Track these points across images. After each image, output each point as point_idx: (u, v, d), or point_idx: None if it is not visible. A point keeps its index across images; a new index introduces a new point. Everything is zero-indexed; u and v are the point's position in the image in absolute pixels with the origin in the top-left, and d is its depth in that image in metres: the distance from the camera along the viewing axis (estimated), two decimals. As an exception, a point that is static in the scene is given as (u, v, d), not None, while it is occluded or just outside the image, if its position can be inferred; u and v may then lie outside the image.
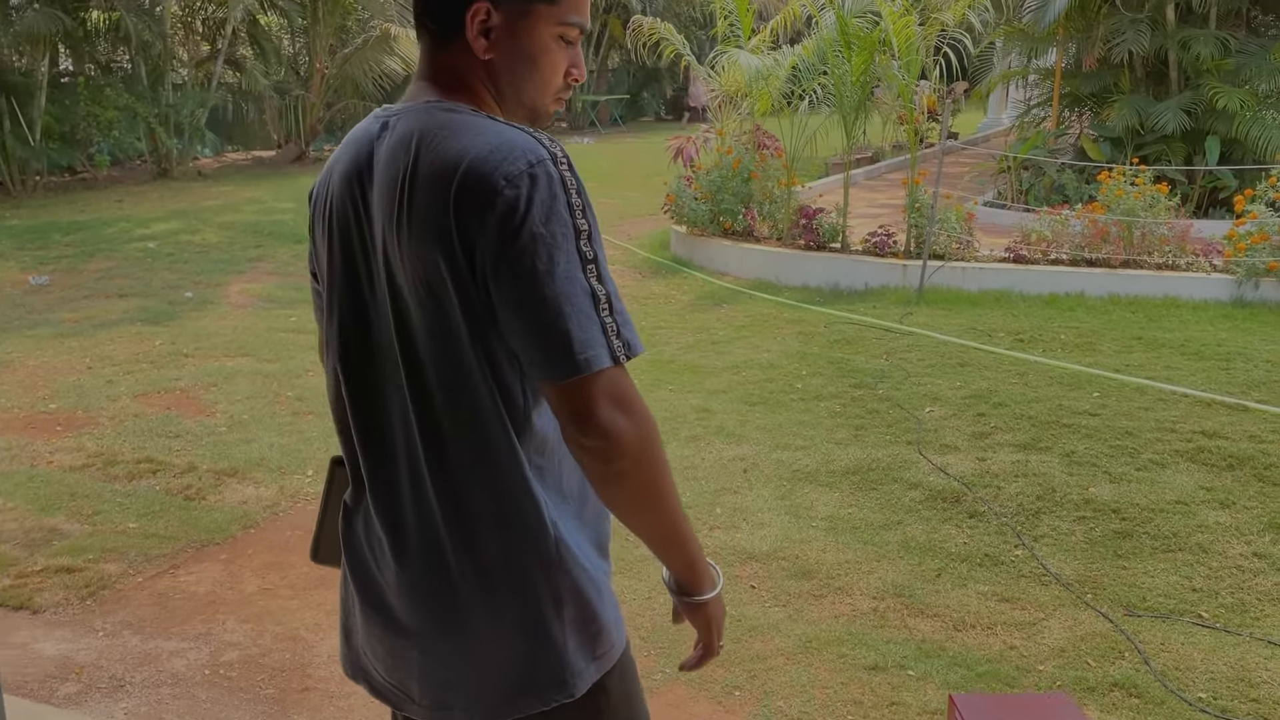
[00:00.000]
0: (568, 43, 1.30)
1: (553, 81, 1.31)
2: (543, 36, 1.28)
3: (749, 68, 8.66)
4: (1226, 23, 10.50)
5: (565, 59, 1.31)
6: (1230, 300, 7.51)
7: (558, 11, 1.27)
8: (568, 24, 1.29)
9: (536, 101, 1.31)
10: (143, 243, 10.21)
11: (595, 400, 1.14)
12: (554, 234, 1.14)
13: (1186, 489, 4.41)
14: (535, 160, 1.16)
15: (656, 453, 1.20)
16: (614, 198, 13.84)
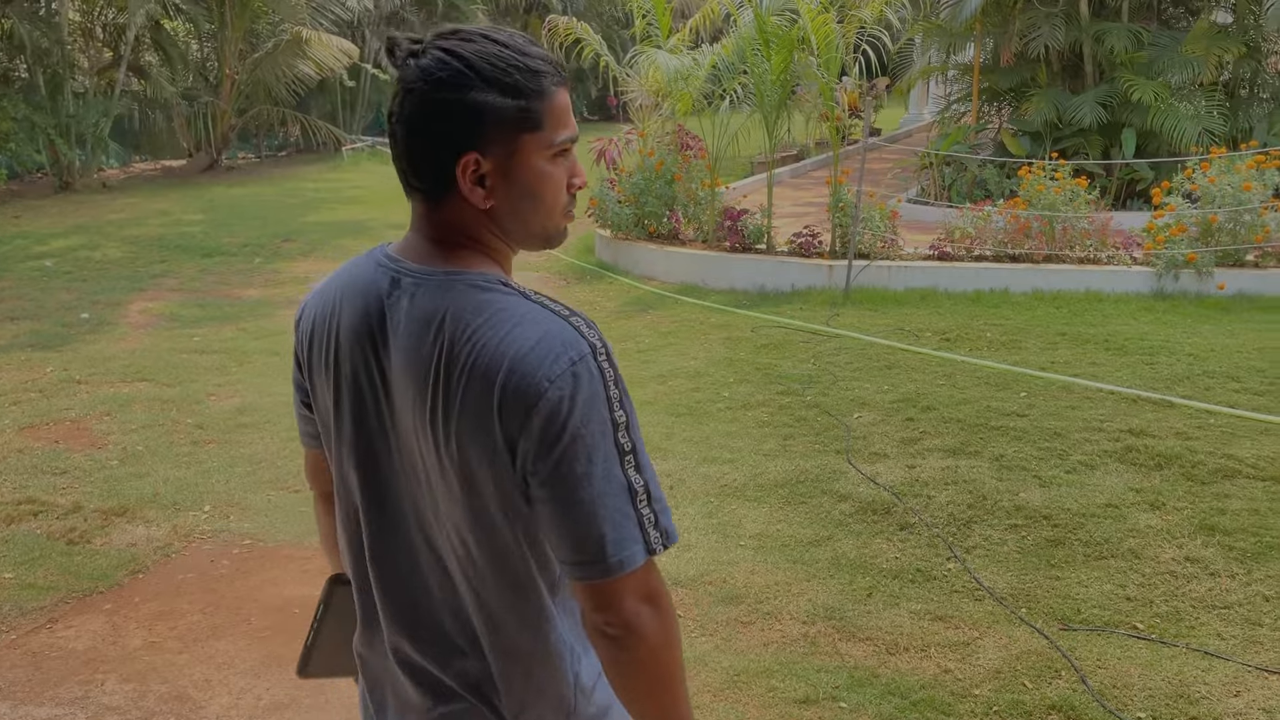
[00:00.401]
0: (563, 155, 1.27)
1: (557, 202, 1.27)
2: (537, 165, 1.24)
3: (668, 68, 8.50)
4: (1138, 16, 10.64)
5: (564, 173, 1.27)
6: (1151, 293, 7.56)
7: (544, 136, 1.23)
8: (559, 144, 1.25)
9: (546, 227, 1.28)
10: (39, 261, 9.70)
11: (624, 597, 1.16)
12: (593, 434, 1.15)
13: (1116, 491, 4.34)
14: (577, 357, 1.16)
15: (675, 649, 1.20)
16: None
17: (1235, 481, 4.40)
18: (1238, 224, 7.53)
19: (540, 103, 1.22)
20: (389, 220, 12.13)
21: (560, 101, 1.24)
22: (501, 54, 1.20)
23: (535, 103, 1.22)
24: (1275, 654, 3.16)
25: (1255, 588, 3.55)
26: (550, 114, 1.23)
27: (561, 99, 1.24)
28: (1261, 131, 9.86)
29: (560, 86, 1.25)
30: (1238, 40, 9.94)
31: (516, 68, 1.21)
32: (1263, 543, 3.84)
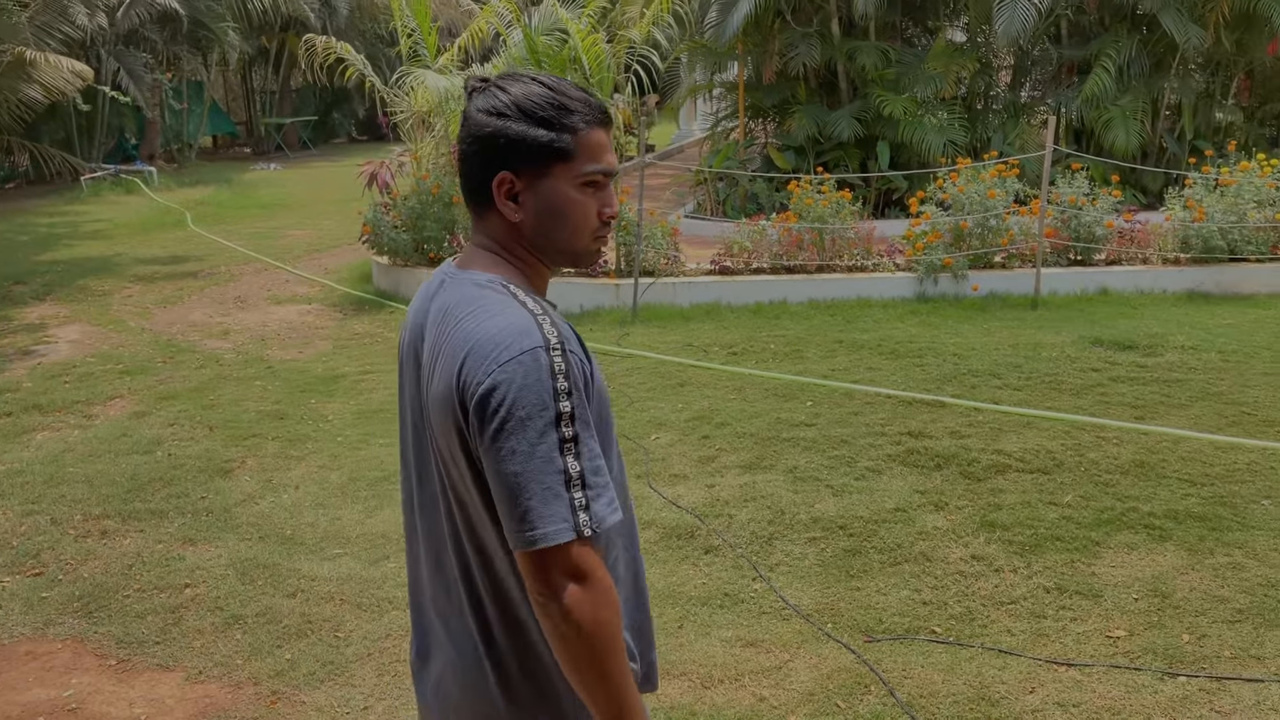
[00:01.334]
0: (595, 186, 1.45)
1: (584, 226, 1.45)
2: (565, 191, 1.43)
3: (437, 88, 8.24)
4: (884, 35, 11.32)
5: (595, 202, 1.45)
6: (915, 297, 8.00)
7: (574, 166, 1.43)
8: (587, 174, 1.43)
9: (572, 247, 1.47)
10: None
11: (550, 570, 1.29)
12: (530, 416, 1.29)
13: (903, 495, 4.49)
14: (529, 347, 1.31)
15: (607, 631, 1.30)
16: (305, 228, 12.94)
17: (1007, 476, 4.66)
18: (985, 229, 8.10)
19: (571, 136, 1.42)
20: (138, 254, 11.17)
21: (593, 138, 1.43)
22: (541, 93, 1.42)
23: (566, 135, 1.42)
24: (1060, 645, 3.32)
25: (1036, 580, 3.73)
26: (582, 147, 1.43)
27: (595, 136, 1.44)
28: (999, 141, 10.70)
29: (594, 125, 1.44)
30: (972, 57, 10.75)
31: (552, 104, 1.42)
32: (1038, 535, 4.06)
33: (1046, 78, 11.68)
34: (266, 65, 23.28)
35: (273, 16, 19.61)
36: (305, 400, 6.18)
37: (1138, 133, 10.28)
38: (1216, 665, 3.16)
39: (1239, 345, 6.58)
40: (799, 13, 11.15)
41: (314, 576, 3.97)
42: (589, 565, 1.29)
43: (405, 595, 3.81)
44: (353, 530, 4.37)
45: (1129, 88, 10.42)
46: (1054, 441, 5.03)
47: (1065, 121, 10.73)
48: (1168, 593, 3.60)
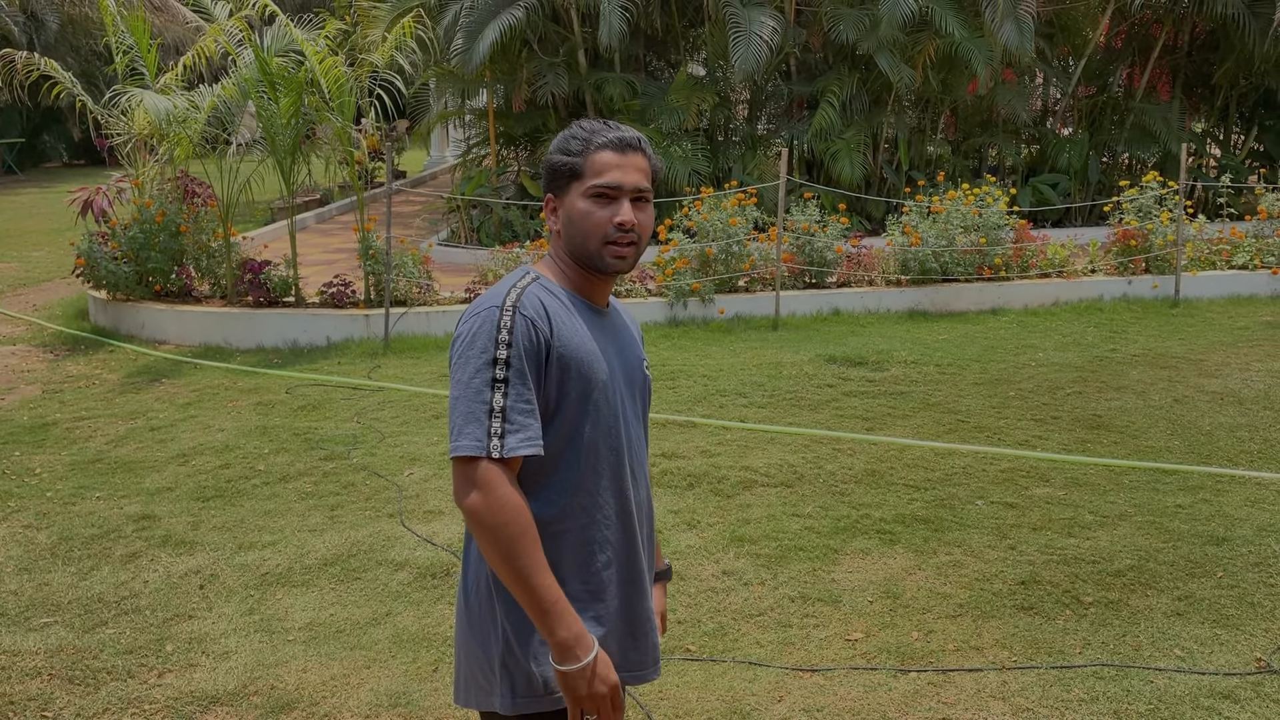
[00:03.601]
0: (604, 199, 1.72)
1: (593, 232, 1.72)
2: (577, 203, 1.74)
3: (157, 109, 7.66)
4: (629, 67, 11.65)
5: (608, 212, 1.72)
6: (667, 321, 8.23)
7: (584, 182, 1.74)
8: (591, 187, 1.73)
9: (585, 249, 1.74)
10: None
11: (459, 476, 1.61)
12: (474, 355, 1.63)
13: (658, 515, 4.57)
14: (490, 306, 1.67)
15: (507, 536, 1.58)
16: (10, 260, 11.70)
17: (754, 491, 4.85)
18: (729, 254, 8.47)
19: (581, 159, 1.74)
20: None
21: (600, 158, 1.73)
22: (575, 130, 1.77)
23: (579, 159, 1.74)
24: (805, 652, 3.47)
25: (782, 590, 3.89)
26: (589, 166, 1.73)
27: (602, 156, 1.73)
28: (739, 171, 11.24)
29: (603, 148, 1.73)
30: (711, 91, 11.26)
31: (574, 137, 1.76)
32: (783, 546, 4.24)
33: (779, 111, 12.41)
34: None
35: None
36: (8, 452, 5.53)
37: (861, 164, 11.10)
38: (942, 659, 3.40)
39: (953, 359, 7.21)
40: (545, 42, 11.27)
41: (16, 651, 3.53)
42: (491, 481, 1.58)
43: (124, 663, 3.45)
44: (64, 595, 3.93)
45: (852, 122, 11.24)
46: (796, 455, 5.29)
47: (797, 153, 11.44)
48: (898, 593, 3.84)
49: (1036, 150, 13.08)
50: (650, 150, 1.81)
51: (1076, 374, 6.79)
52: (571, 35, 11.05)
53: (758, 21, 10.20)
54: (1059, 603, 3.74)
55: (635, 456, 1.82)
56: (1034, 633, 3.54)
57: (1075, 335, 7.87)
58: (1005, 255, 8.91)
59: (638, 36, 11.36)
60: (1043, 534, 4.32)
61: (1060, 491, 4.79)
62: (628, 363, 1.84)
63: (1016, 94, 11.79)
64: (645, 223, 1.77)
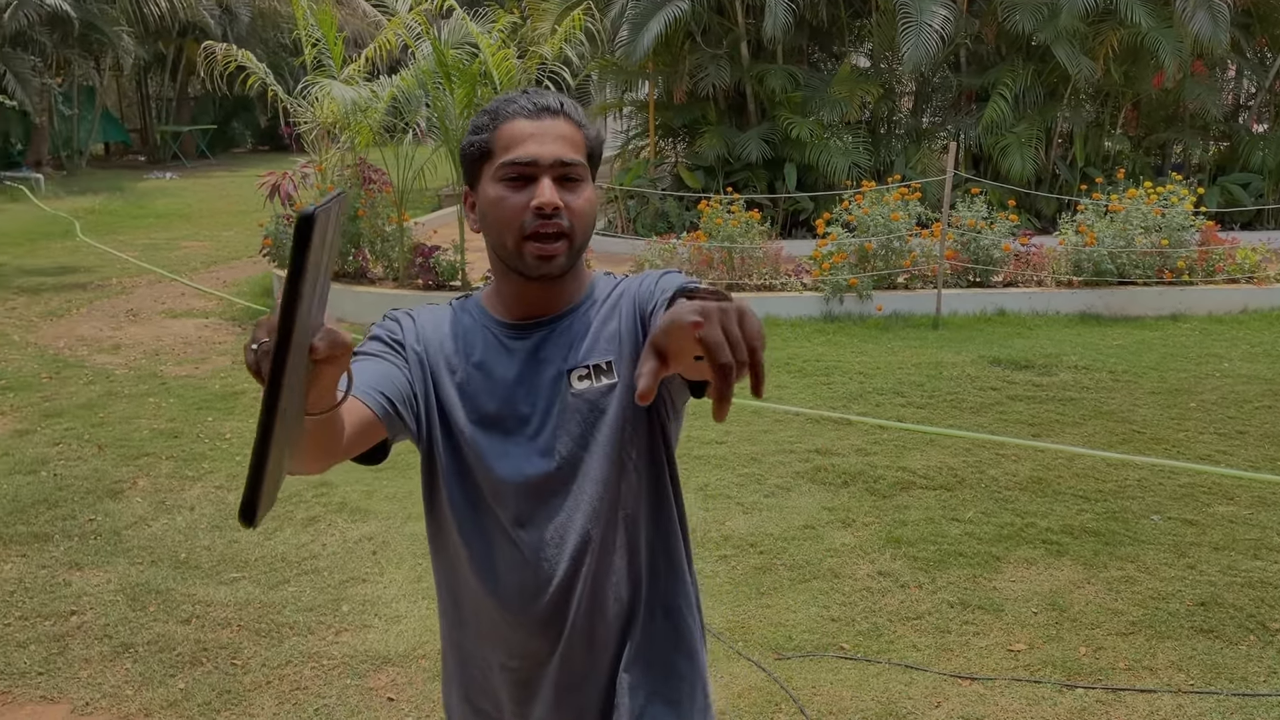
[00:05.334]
0: (519, 181, 1.37)
1: (507, 224, 1.37)
2: (487, 191, 1.39)
3: (344, 99, 8.08)
4: (792, 59, 11.54)
5: (523, 196, 1.36)
6: (822, 316, 8.13)
7: (493, 162, 1.38)
8: (504, 166, 1.37)
9: (503, 242, 1.39)
10: None
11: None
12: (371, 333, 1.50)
13: (812, 512, 4.54)
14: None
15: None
16: (203, 239, 12.54)
17: (911, 493, 4.75)
18: (889, 250, 8.30)
19: (492, 133, 1.38)
20: (22, 265, 10.66)
21: (511, 129, 1.37)
22: (488, 105, 1.41)
23: (488, 134, 1.39)
24: (964, 659, 3.39)
25: (940, 595, 3.81)
26: (498, 140, 1.38)
27: (513, 126, 1.37)
28: (901, 165, 10.98)
29: (514, 116, 1.37)
30: (875, 83, 11.03)
31: (485, 111, 1.40)
32: (941, 550, 4.15)
33: (946, 104, 12.04)
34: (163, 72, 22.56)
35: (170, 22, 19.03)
36: (201, 418, 5.96)
37: (1032, 159, 10.67)
38: (1112, 677, 3.26)
39: (1128, 365, 6.86)
40: (709, 34, 11.28)
41: (209, 602, 3.81)
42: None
43: (305, 620, 3.69)
44: (251, 553, 4.22)
45: (1024, 116, 10.81)
46: (956, 458, 5.16)
47: (964, 147, 11.08)
48: (1065, 606, 3.70)
49: (1226, 148, 12.24)
50: (579, 115, 1.42)
51: (1266, 387, 6.35)
52: (735, 27, 11.03)
53: (929, 11, 9.92)
54: (1242, 627, 3.53)
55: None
56: (1214, 657, 3.35)
57: (1266, 345, 7.35)
58: (1189, 258, 8.40)
59: (802, 28, 11.23)
60: (1225, 554, 4.08)
61: (1245, 511, 4.50)
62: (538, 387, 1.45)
63: (1207, 88, 11.06)
64: (579, 207, 1.37)
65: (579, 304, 1.47)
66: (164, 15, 18.55)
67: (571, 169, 1.37)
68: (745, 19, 10.94)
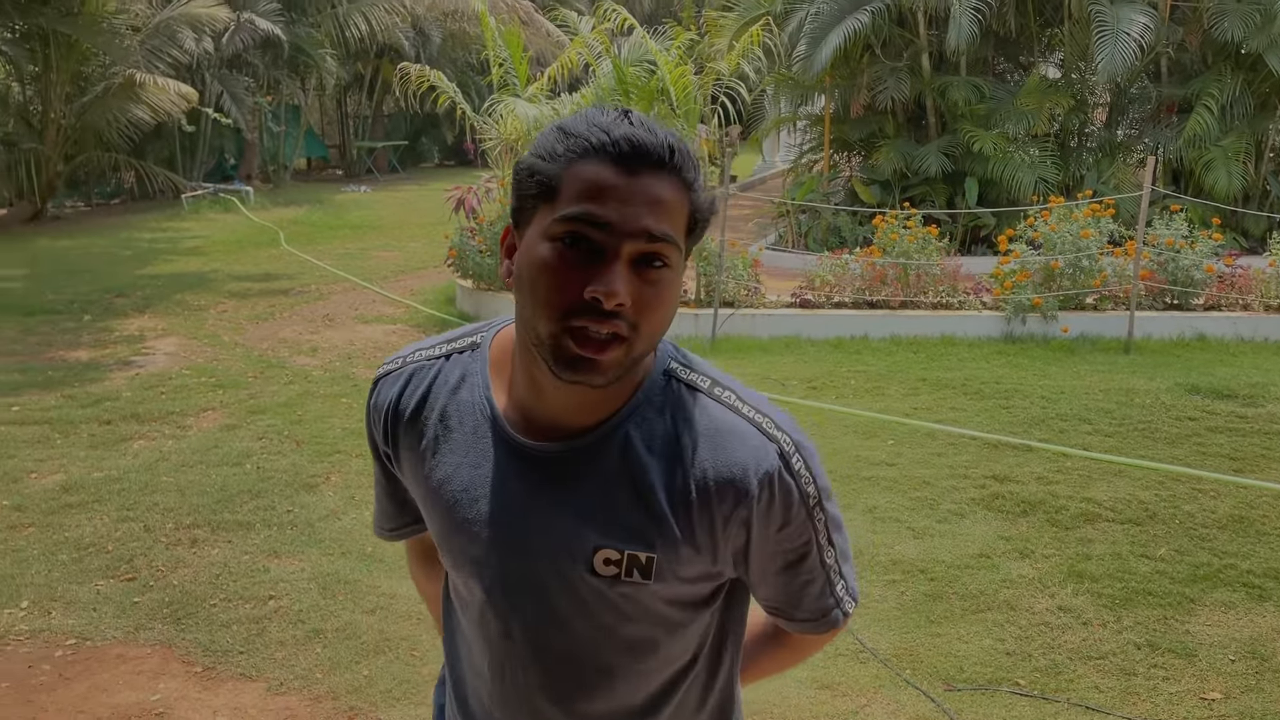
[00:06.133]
0: (581, 246, 0.98)
1: (548, 299, 0.99)
2: (534, 243, 1.01)
3: (526, 117, 8.39)
4: (976, 70, 11.19)
5: (576, 271, 0.98)
6: (1002, 336, 7.83)
7: (555, 207, 0.99)
8: (561, 217, 0.98)
9: (535, 324, 1.01)
10: None
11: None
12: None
13: (987, 540, 4.38)
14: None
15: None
16: (394, 250, 13.23)
17: (1097, 525, 4.51)
18: (1077, 269, 7.91)
19: (559, 166, 1.00)
20: (233, 271, 11.54)
21: (585, 170, 0.98)
22: (567, 122, 1.02)
23: (553, 165, 1.00)
24: (1152, 704, 3.19)
25: (1126, 635, 3.60)
26: (567, 181, 0.99)
27: (588, 168, 0.98)
28: (1092, 180, 10.46)
29: (591, 155, 0.98)
30: (1066, 94, 10.56)
31: (557, 129, 1.02)
32: (1128, 588, 3.92)
33: (1144, 116, 11.40)
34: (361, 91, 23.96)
35: (369, 44, 20.20)
36: (388, 419, 6.28)
37: (1240, 175, 9.96)
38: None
39: (1347, 398, 6.29)
40: (889, 47, 11.09)
41: (393, 594, 4.02)
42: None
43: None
44: (431, 550, 4.42)
45: (1231, 128, 10.11)
46: (1147, 491, 4.86)
47: (1163, 161, 10.45)
48: (1267, 655, 3.44)
49: None
50: (691, 168, 1.02)
51: None
52: (916, 39, 10.80)
53: (1127, 19, 9.43)
54: None
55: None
56: None
57: None
58: None
59: (988, 38, 10.88)
60: None
61: None
62: (540, 552, 1.10)
63: None
64: (654, 306, 0.99)
65: (621, 414, 1.08)
66: (363, 38, 19.72)
67: (659, 249, 0.99)
68: (928, 30, 10.70)
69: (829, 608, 1.21)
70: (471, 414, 1.14)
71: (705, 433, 1.09)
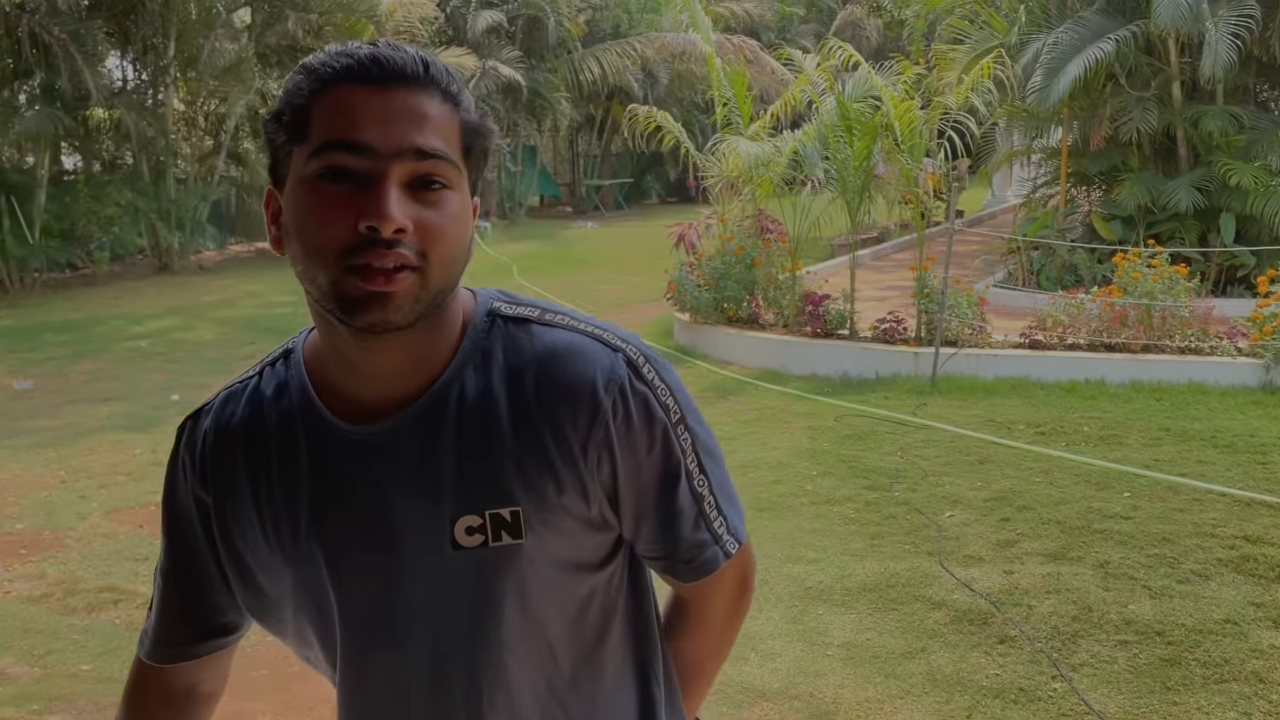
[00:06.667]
0: (343, 178, 0.87)
1: (320, 240, 0.88)
2: (295, 188, 0.90)
3: (748, 155, 8.51)
4: (1234, 99, 10.37)
5: (344, 206, 0.87)
6: (1260, 386, 7.18)
7: (308, 146, 0.89)
8: (322, 153, 0.88)
9: (314, 276, 0.90)
10: (135, 342, 10.01)
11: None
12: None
13: (1235, 605, 4.03)
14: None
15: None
16: (615, 283, 13.69)
17: (1369, 598, 4.06)
18: (1352, 314, 7.15)
19: (305, 99, 0.89)
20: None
21: (338, 96, 0.88)
22: (310, 57, 0.92)
23: (300, 100, 0.90)
24: None
25: (1403, 723, 3.22)
26: (319, 114, 0.88)
27: (342, 94, 0.88)
28: (1370, 216, 9.43)
29: (340, 82, 0.88)
30: (1341, 123, 9.60)
31: (304, 65, 0.91)
32: (1407, 671, 3.50)
33: None
34: (591, 131, 25.00)
35: (601, 86, 21.09)
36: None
37: None
38: None
39: None
40: (1134, 75, 10.46)
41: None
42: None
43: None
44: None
45: None
46: None
47: None
48: None
49: None
50: (449, 81, 0.93)
51: None
52: (1166, 67, 10.14)
53: None
54: None
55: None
56: None
57: None
58: None
59: (1248, 65, 10.06)
60: None
61: None
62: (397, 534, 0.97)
63: None
64: (436, 228, 0.89)
65: (449, 369, 0.98)
66: (596, 80, 20.62)
67: (433, 167, 0.89)
68: (1179, 58, 10.02)
69: (704, 543, 1.05)
70: (293, 418, 1.00)
71: (542, 358, 0.97)
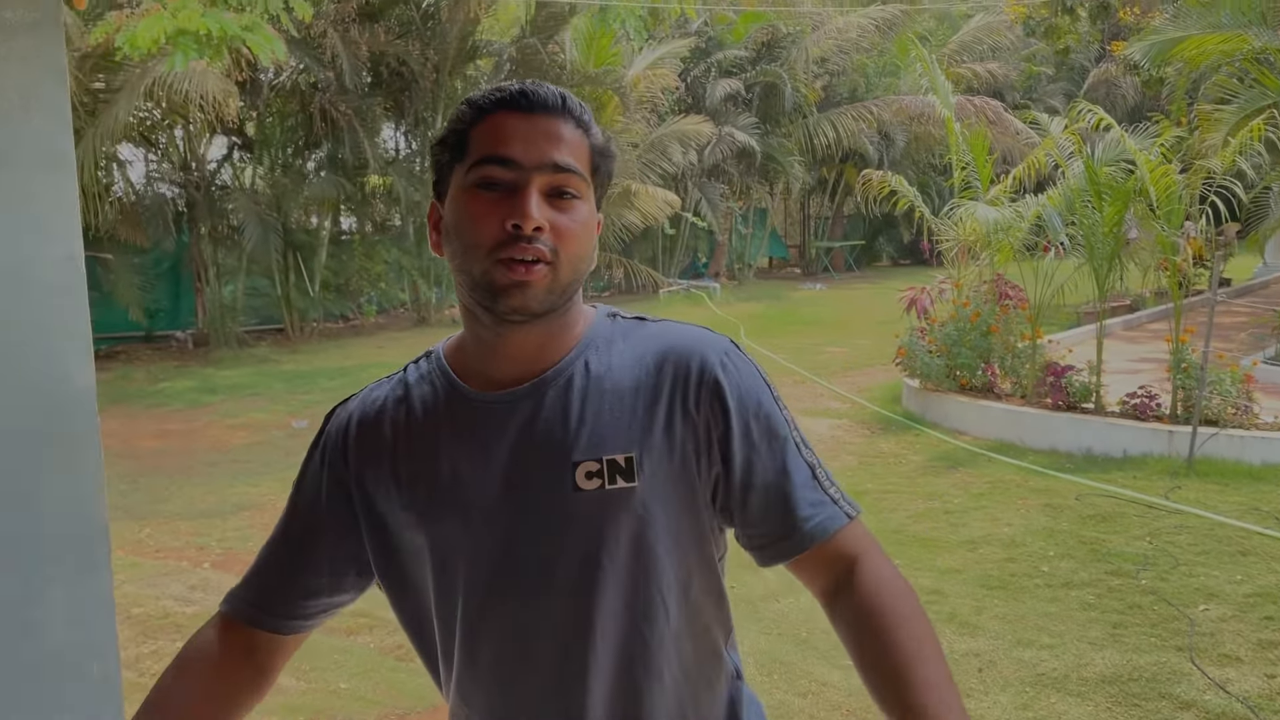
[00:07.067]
0: (492, 188, 1.09)
1: (475, 240, 1.09)
2: (456, 199, 1.13)
3: (986, 220, 8.31)
4: None
5: (494, 210, 1.08)
6: None
7: (465, 163, 1.12)
8: (473, 168, 1.10)
9: (469, 272, 1.11)
10: (394, 388, 10.89)
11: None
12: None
13: None
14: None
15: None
16: (843, 345, 13.58)
17: None
18: None
19: (467, 128, 1.12)
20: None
21: (490, 124, 1.11)
22: (473, 93, 1.15)
23: (461, 127, 1.13)
24: None
25: None
26: (474, 139, 1.11)
27: (492, 121, 1.11)
28: None
29: (496, 109, 1.11)
30: None
31: (467, 100, 1.14)
32: None
33: None
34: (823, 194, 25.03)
35: (835, 150, 21.13)
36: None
37: None
38: None
39: None
40: None
41: (825, 681, 4.15)
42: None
43: None
44: (864, 645, 4.49)
45: None
46: None
47: None
48: None
49: None
50: (582, 112, 1.13)
51: None
52: None
53: None
54: None
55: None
56: None
57: None
58: None
59: None
60: None
61: None
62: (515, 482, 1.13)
63: None
64: (568, 230, 1.09)
65: (572, 356, 1.16)
66: (830, 144, 20.69)
67: (566, 180, 1.10)
68: None
69: (822, 501, 1.17)
70: (434, 397, 1.19)
71: (658, 337, 1.19)
